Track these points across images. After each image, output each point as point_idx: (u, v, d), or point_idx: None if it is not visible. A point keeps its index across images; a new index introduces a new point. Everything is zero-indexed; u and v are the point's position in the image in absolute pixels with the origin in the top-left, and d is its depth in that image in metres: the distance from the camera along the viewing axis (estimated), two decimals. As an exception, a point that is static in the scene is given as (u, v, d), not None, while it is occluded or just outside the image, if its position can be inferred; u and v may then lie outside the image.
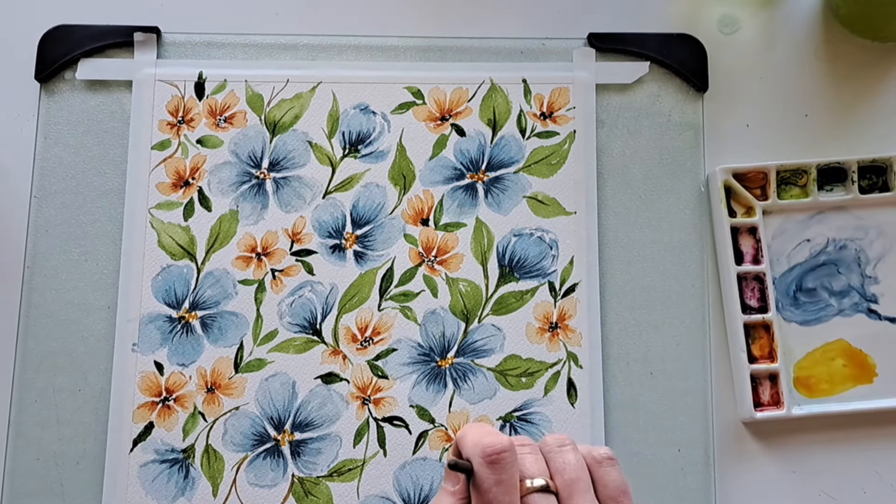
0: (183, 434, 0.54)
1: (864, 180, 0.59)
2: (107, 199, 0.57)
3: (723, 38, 0.62)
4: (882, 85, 0.61)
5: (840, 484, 0.56)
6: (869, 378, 0.56)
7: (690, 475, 0.55)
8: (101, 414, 0.55)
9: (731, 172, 0.58)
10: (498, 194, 0.58)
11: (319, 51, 0.60)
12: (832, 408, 0.56)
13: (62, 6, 0.60)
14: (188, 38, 0.60)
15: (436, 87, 0.59)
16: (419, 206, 0.58)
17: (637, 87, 0.60)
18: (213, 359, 0.55)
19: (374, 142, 0.58)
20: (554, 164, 0.58)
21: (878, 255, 0.58)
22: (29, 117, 0.59)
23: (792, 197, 0.58)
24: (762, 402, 0.56)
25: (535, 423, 0.55)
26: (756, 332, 0.57)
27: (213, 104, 0.59)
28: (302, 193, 0.58)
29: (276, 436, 0.55)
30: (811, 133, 0.60)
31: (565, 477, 0.40)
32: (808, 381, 0.56)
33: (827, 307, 0.57)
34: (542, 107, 0.59)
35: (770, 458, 0.56)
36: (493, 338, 0.56)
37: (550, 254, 0.57)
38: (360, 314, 0.56)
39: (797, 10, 0.62)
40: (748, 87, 0.61)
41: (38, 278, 0.56)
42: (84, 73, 0.59)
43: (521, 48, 0.60)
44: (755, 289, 0.57)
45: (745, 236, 0.58)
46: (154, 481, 0.54)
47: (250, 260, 0.57)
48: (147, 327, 0.56)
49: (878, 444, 0.56)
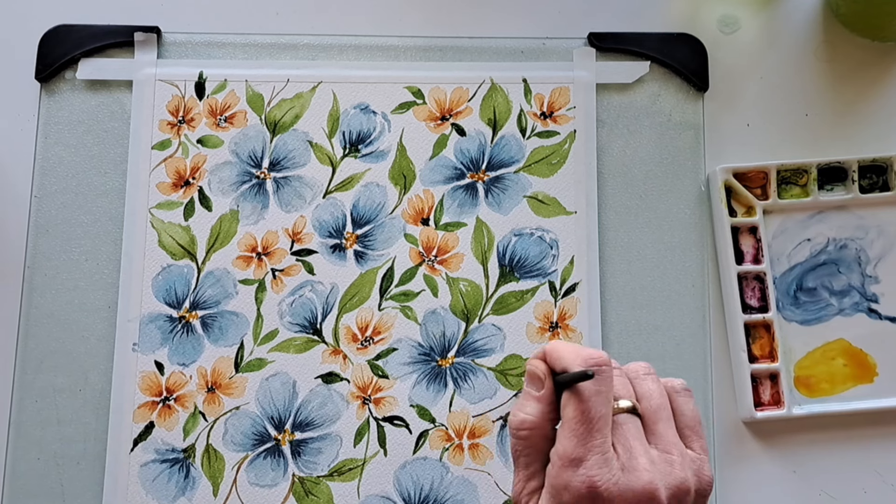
0: (183, 434, 0.54)
1: (865, 180, 0.59)
2: (107, 199, 0.57)
3: (723, 38, 0.62)
4: (882, 84, 0.61)
5: (840, 484, 0.56)
6: (869, 378, 0.56)
7: (691, 475, 0.55)
8: (102, 414, 0.55)
9: (731, 172, 0.58)
10: (498, 194, 0.58)
11: (320, 50, 0.60)
12: (833, 407, 0.56)
13: (62, 6, 0.60)
14: (188, 38, 0.60)
15: (436, 87, 0.59)
16: (419, 206, 0.58)
17: (637, 87, 0.60)
18: (213, 358, 0.55)
19: (375, 141, 0.58)
20: (554, 164, 0.58)
21: (878, 254, 0.58)
22: (29, 117, 0.59)
23: (792, 196, 0.58)
24: (763, 402, 0.56)
25: (535, 423, 0.55)
26: (756, 332, 0.57)
27: (213, 104, 0.59)
28: (302, 193, 0.58)
29: (277, 435, 0.55)
30: (811, 133, 0.60)
31: (652, 403, 0.41)
32: (808, 380, 0.56)
33: (827, 307, 0.57)
34: (542, 106, 0.59)
35: (770, 458, 0.56)
36: (494, 337, 0.56)
37: (551, 253, 0.57)
38: (361, 314, 0.56)
39: (797, 9, 0.62)
40: (748, 87, 0.61)
41: (38, 278, 0.56)
42: (84, 72, 0.59)
43: (522, 48, 0.60)
44: (755, 288, 0.57)
45: (746, 236, 0.58)
46: (154, 481, 0.54)
47: (251, 260, 0.57)
48: (147, 327, 0.56)
49: (879, 444, 0.56)
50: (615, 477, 0.38)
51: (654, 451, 0.40)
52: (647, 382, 0.42)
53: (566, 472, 0.38)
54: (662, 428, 0.41)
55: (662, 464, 0.39)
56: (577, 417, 0.39)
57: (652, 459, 0.39)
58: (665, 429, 0.41)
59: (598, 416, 0.39)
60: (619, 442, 0.39)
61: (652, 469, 0.38)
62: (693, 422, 0.42)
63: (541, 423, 0.40)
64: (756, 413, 0.55)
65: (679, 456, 0.40)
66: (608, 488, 0.37)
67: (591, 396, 0.39)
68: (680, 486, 0.39)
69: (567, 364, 0.40)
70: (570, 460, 0.38)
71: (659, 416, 0.41)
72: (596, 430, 0.38)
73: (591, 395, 0.39)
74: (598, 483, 0.37)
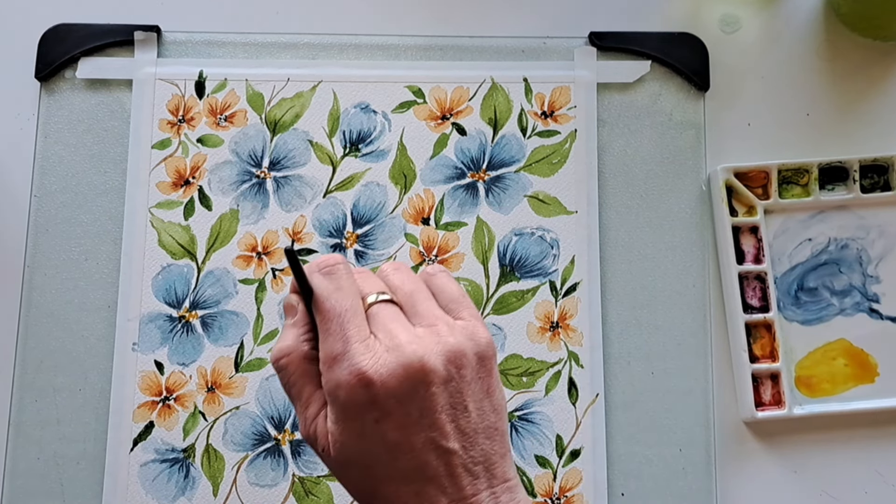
0: (183, 434, 0.54)
1: (866, 180, 0.59)
2: (107, 198, 0.57)
3: (724, 37, 0.61)
4: (883, 84, 0.61)
5: (842, 484, 0.55)
6: (870, 378, 0.56)
7: (692, 475, 0.55)
8: (102, 413, 0.54)
9: (732, 172, 0.58)
10: (499, 193, 0.58)
11: (320, 50, 0.60)
12: (833, 407, 0.56)
13: (62, 5, 0.60)
14: (188, 37, 0.60)
15: (437, 86, 0.59)
16: (420, 206, 0.58)
17: (638, 86, 0.60)
18: (213, 358, 0.55)
19: (375, 141, 0.58)
20: (555, 164, 0.58)
21: (879, 254, 0.58)
22: (29, 116, 0.59)
23: (793, 196, 0.58)
24: (763, 402, 0.56)
25: (536, 423, 0.55)
26: (757, 332, 0.56)
27: (213, 103, 0.58)
28: (302, 192, 0.58)
29: (277, 435, 0.55)
30: (812, 132, 0.60)
31: (406, 289, 0.41)
32: (809, 380, 0.56)
33: (828, 307, 0.57)
34: (543, 106, 0.59)
35: (771, 458, 0.56)
36: (494, 337, 0.56)
37: (551, 253, 0.57)
38: (361, 313, 0.56)
39: (798, 9, 0.62)
40: (749, 86, 0.61)
41: (38, 277, 0.56)
42: (84, 71, 0.59)
43: (523, 47, 0.60)
44: (756, 288, 0.57)
45: (747, 235, 0.58)
46: (154, 481, 0.54)
47: (251, 259, 0.57)
48: (147, 327, 0.55)
49: (880, 444, 0.56)
50: (381, 359, 0.37)
51: (420, 329, 0.39)
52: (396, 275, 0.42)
53: (333, 370, 0.38)
54: (423, 308, 0.40)
55: (429, 336, 0.38)
56: (325, 317, 0.38)
57: (417, 335, 0.38)
58: (426, 308, 0.40)
59: (344, 310, 0.38)
60: (378, 329, 0.39)
61: (417, 342, 0.38)
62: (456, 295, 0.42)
63: (296, 346, 0.40)
64: (757, 413, 0.55)
65: (446, 326, 0.39)
66: (376, 370, 0.37)
67: (332, 294, 0.39)
68: (452, 351, 0.38)
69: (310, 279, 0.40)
70: (332, 358, 0.38)
71: (416, 298, 0.41)
72: (347, 322, 0.38)
73: (331, 292, 0.39)
74: (364, 369, 0.37)
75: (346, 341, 0.38)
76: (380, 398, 0.37)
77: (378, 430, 0.37)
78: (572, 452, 0.54)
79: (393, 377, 0.37)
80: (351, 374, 0.37)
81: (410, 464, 0.37)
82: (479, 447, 0.38)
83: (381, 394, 0.37)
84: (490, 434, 0.39)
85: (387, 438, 0.37)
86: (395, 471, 0.38)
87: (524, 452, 0.54)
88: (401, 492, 0.38)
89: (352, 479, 0.39)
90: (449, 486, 0.38)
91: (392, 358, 0.37)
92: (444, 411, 0.38)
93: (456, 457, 0.38)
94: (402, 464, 0.37)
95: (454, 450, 0.38)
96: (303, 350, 0.40)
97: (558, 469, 0.54)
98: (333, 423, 0.38)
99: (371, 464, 0.38)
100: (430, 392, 0.37)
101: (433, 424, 0.37)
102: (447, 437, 0.38)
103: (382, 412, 0.37)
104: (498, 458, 0.39)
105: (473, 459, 0.38)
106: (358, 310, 0.39)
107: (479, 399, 0.39)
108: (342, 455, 0.38)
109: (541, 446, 0.54)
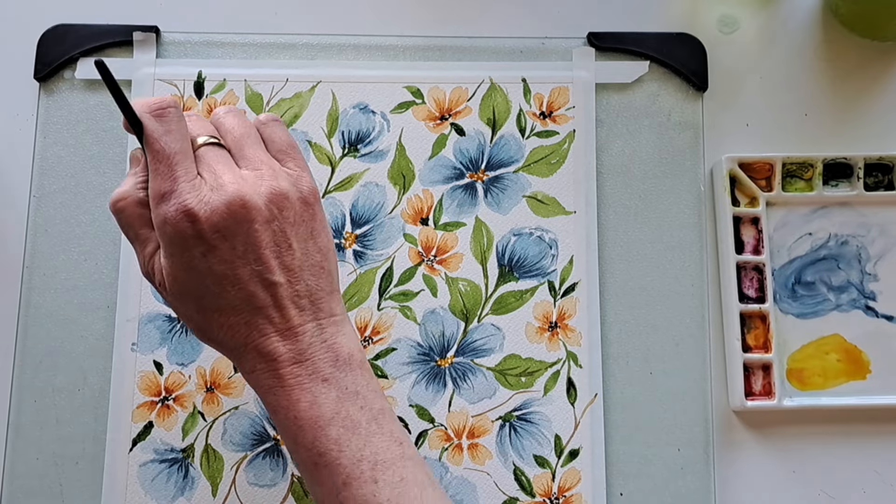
0: (182, 434, 0.54)
1: (870, 178, 0.59)
2: (106, 199, 0.57)
3: (722, 38, 0.62)
4: (882, 84, 0.61)
5: (838, 480, 0.55)
6: (862, 374, 0.56)
7: (690, 475, 0.55)
8: (101, 414, 0.54)
9: (737, 162, 0.58)
10: (497, 194, 0.58)
11: (319, 50, 0.60)
12: (823, 401, 0.56)
13: (61, 5, 0.60)
14: (187, 38, 0.60)
15: (435, 87, 0.59)
16: (419, 206, 0.58)
17: (637, 87, 0.60)
18: (212, 358, 0.55)
19: (374, 141, 0.58)
20: (553, 164, 0.58)
21: (878, 252, 0.58)
22: (28, 117, 0.59)
23: (796, 190, 0.58)
24: (754, 392, 0.56)
25: (534, 423, 0.55)
26: (752, 322, 0.57)
27: (212, 103, 0.59)
28: (301, 193, 0.58)
29: (276, 435, 0.55)
30: (811, 132, 0.60)
31: (235, 134, 0.44)
32: (801, 373, 0.56)
33: (824, 301, 0.57)
34: (541, 106, 0.59)
35: (761, 448, 0.56)
36: (493, 337, 0.56)
37: (550, 253, 0.57)
38: (360, 313, 0.56)
39: (797, 9, 0.62)
40: (748, 87, 0.61)
41: (37, 278, 0.56)
42: (83, 72, 0.59)
43: (521, 47, 0.60)
44: (754, 279, 0.57)
45: (748, 226, 0.58)
46: (153, 481, 0.54)
47: (250, 259, 0.57)
48: (146, 327, 0.56)
49: (875, 442, 0.56)
50: (206, 197, 0.40)
51: (245, 171, 0.42)
52: (227, 118, 0.45)
53: (161, 207, 0.40)
54: (250, 152, 0.43)
55: (252, 178, 0.42)
56: (155, 158, 0.41)
57: (241, 176, 0.42)
58: (253, 152, 0.43)
59: (173, 152, 0.41)
60: (205, 170, 0.42)
61: (240, 182, 0.41)
62: (285, 145, 0.45)
63: (132, 191, 0.43)
64: (746, 402, 0.55)
65: (270, 170, 0.42)
66: (200, 208, 0.40)
67: (162, 136, 0.41)
68: (275, 192, 0.41)
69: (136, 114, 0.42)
70: (160, 196, 0.40)
71: (244, 142, 0.44)
72: (176, 164, 0.41)
73: (161, 135, 0.41)
74: (189, 205, 0.40)
75: (175, 181, 0.40)
76: (205, 233, 0.40)
77: (205, 263, 0.40)
78: (571, 452, 0.54)
79: (216, 213, 0.40)
80: (177, 211, 0.40)
81: (239, 295, 0.41)
82: (305, 282, 0.42)
83: (205, 228, 0.40)
84: (315, 272, 0.42)
85: (214, 271, 0.40)
86: (225, 301, 0.41)
87: (523, 452, 0.54)
88: (232, 321, 0.41)
89: (188, 311, 0.42)
90: (276, 316, 0.41)
91: (216, 196, 0.40)
92: (268, 248, 0.41)
93: (282, 289, 0.41)
94: (231, 295, 0.41)
95: (279, 282, 0.41)
96: (138, 196, 0.43)
97: (557, 469, 0.54)
98: (165, 258, 0.41)
99: (202, 295, 0.41)
100: (254, 228, 0.40)
101: (258, 259, 0.41)
102: (272, 271, 0.41)
103: (208, 246, 0.40)
104: (324, 294, 0.43)
105: (298, 293, 0.42)
106: (188, 152, 0.42)
107: (304, 239, 0.42)
108: (175, 287, 0.41)
109: (539, 446, 0.55)
